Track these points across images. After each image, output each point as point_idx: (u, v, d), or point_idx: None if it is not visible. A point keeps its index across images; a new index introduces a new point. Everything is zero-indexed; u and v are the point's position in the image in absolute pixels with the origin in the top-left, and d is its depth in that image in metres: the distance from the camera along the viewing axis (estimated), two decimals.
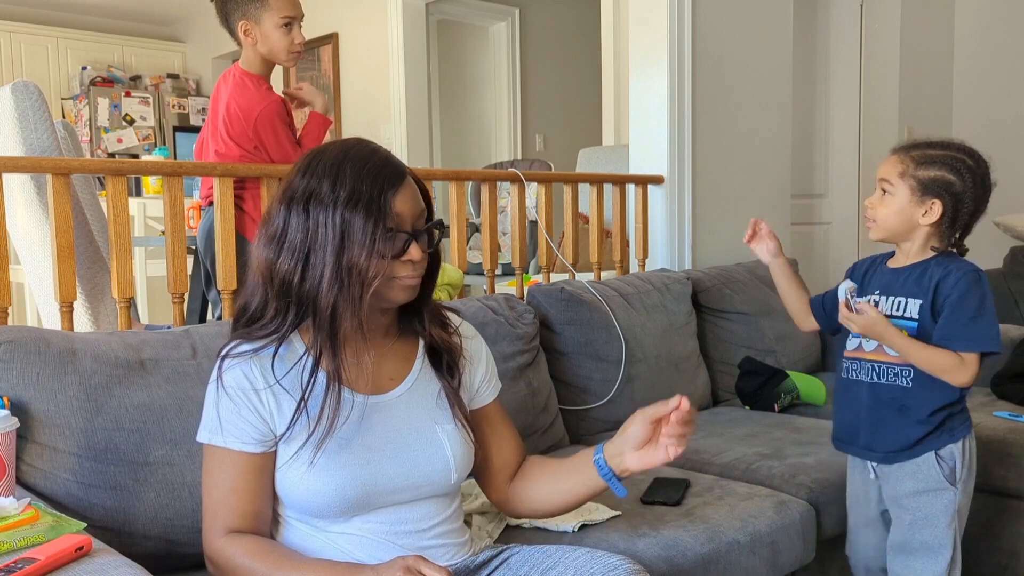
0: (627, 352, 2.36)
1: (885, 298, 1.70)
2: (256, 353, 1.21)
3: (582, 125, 6.32)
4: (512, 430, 1.45)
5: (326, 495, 1.20)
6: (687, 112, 3.04)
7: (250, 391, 1.20)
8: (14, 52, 6.77)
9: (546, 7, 6.41)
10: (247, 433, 1.20)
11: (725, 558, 1.61)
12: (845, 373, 1.76)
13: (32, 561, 0.99)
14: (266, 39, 2.33)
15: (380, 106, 5.57)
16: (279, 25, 2.31)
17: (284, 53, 2.35)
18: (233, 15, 2.36)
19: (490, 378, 1.43)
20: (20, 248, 2.51)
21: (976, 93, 4.50)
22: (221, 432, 1.21)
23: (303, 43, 2.39)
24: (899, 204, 1.65)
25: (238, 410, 1.20)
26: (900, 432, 1.67)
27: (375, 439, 1.24)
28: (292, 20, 2.33)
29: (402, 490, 1.24)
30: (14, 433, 1.30)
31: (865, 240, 4.45)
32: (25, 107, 2.24)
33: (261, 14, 2.32)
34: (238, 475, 1.20)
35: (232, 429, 1.20)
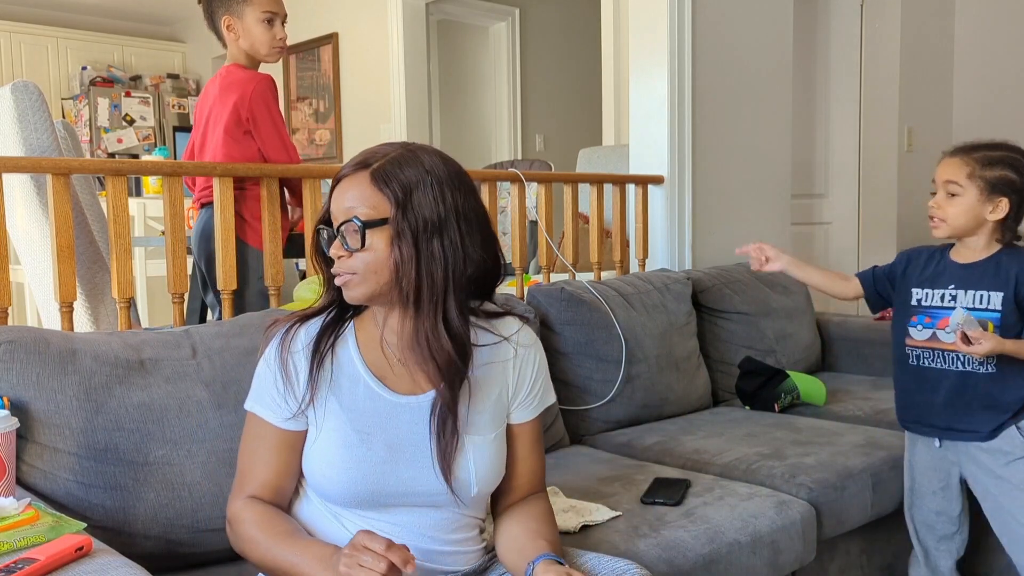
0: (627, 352, 2.36)
1: (964, 292, 1.84)
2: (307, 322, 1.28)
3: (582, 125, 6.32)
4: (531, 460, 1.33)
5: (339, 484, 1.20)
6: (687, 112, 3.04)
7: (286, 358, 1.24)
8: (14, 52, 6.77)
9: (546, 7, 6.41)
10: (278, 406, 1.24)
11: (726, 558, 1.61)
12: (915, 360, 1.90)
13: (32, 561, 0.99)
14: (248, 33, 2.35)
15: (380, 106, 5.57)
16: (261, 20, 2.33)
17: (266, 47, 2.36)
18: (217, 12, 2.37)
19: (527, 400, 1.32)
20: (20, 248, 2.51)
21: (976, 93, 4.50)
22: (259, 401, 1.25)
23: (285, 39, 2.41)
24: (968, 203, 1.80)
25: (274, 381, 1.24)
26: (987, 417, 1.83)
27: (399, 439, 1.22)
28: (274, 15, 2.35)
29: (418, 495, 1.22)
30: (14, 433, 1.30)
31: (865, 239, 4.45)
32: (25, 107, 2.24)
33: (243, 9, 2.33)
34: (267, 448, 1.24)
35: (267, 400, 1.24)
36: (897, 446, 2.14)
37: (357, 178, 1.18)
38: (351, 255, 1.17)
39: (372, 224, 1.16)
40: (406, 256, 1.16)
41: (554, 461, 2.05)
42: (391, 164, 1.17)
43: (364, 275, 1.18)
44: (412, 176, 1.17)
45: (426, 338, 1.19)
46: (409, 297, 1.18)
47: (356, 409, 1.22)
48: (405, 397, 1.24)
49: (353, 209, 1.16)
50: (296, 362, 1.24)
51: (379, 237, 1.16)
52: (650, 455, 2.14)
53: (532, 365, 1.32)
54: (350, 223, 1.16)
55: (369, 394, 1.24)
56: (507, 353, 1.29)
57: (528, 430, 1.32)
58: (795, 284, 3.05)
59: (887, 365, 2.95)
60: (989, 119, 4.45)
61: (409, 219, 1.15)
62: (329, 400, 1.23)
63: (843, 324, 3.10)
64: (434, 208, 1.17)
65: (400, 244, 1.16)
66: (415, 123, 5.44)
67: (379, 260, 1.16)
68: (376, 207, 1.16)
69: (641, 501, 1.75)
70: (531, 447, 1.32)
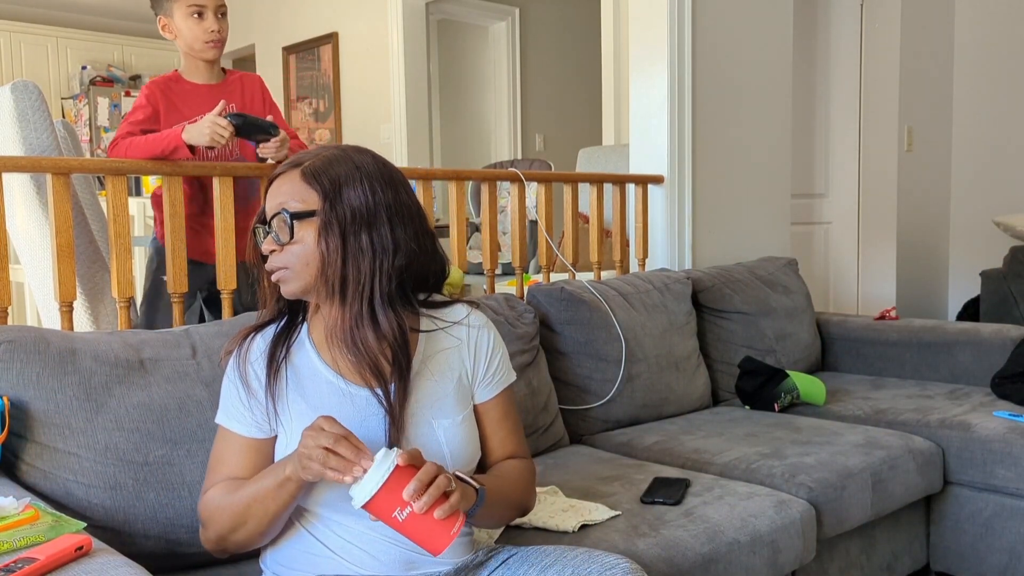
0: (627, 352, 2.36)
1: None
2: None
3: (582, 125, 6.32)
4: (502, 434, 1.37)
5: (316, 483, 1.19)
6: (687, 112, 3.04)
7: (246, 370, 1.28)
8: (14, 52, 6.77)
9: (546, 7, 6.41)
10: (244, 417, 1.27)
11: (725, 558, 1.61)
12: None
13: (32, 561, 0.99)
14: (180, 31, 2.23)
15: (380, 106, 5.57)
16: (189, 14, 2.20)
17: (198, 43, 2.22)
18: (156, 14, 2.27)
19: (486, 378, 1.35)
20: (20, 248, 2.51)
21: (976, 93, 4.50)
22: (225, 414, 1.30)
23: (219, 31, 2.24)
24: None
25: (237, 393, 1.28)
26: None
27: (363, 431, 1.22)
28: (203, 8, 2.21)
29: None
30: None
31: (865, 239, 4.45)
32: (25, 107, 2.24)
33: (172, 7, 2.22)
34: (235, 451, 1.27)
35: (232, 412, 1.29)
36: (897, 446, 2.14)
37: (289, 175, 1.23)
38: (282, 249, 1.21)
39: (300, 216, 1.20)
40: (332, 247, 1.19)
41: (554, 460, 2.05)
42: (322, 162, 1.22)
43: (295, 269, 1.21)
44: (341, 171, 1.21)
45: (353, 330, 1.21)
46: (335, 288, 1.20)
47: (323, 407, 1.24)
48: (364, 388, 1.25)
49: (283, 204, 1.21)
50: (256, 371, 1.27)
51: (308, 229, 1.20)
52: (650, 455, 2.14)
53: (487, 343, 1.35)
54: (279, 216, 1.20)
55: (332, 389, 1.26)
56: (459, 336, 1.33)
57: (493, 407, 1.37)
58: (795, 284, 3.06)
59: (887, 365, 2.96)
60: (989, 119, 4.46)
61: (337, 211, 1.19)
62: (294, 402, 1.25)
63: (843, 324, 3.11)
64: (363, 201, 1.20)
65: (327, 236, 1.19)
66: (415, 123, 5.43)
67: (308, 252, 1.20)
68: (305, 200, 1.20)
69: (641, 501, 1.75)
70: (499, 422, 1.37)
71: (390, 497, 1.06)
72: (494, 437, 1.37)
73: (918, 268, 4.47)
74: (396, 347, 1.23)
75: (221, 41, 2.26)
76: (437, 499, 1.07)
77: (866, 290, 4.47)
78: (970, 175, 4.53)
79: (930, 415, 2.35)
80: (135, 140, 2.05)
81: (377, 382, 1.23)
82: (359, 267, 1.20)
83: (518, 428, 1.41)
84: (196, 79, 2.28)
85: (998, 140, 4.44)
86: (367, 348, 1.22)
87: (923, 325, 2.94)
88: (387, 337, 1.22)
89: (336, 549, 1.22)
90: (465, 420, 1.30)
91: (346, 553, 1.22)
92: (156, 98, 2.20)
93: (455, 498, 1.08)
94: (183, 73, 2.29)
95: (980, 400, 2.50)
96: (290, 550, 1.26)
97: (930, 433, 2.29)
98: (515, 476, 1.35)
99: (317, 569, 1.23)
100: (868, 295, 4.45)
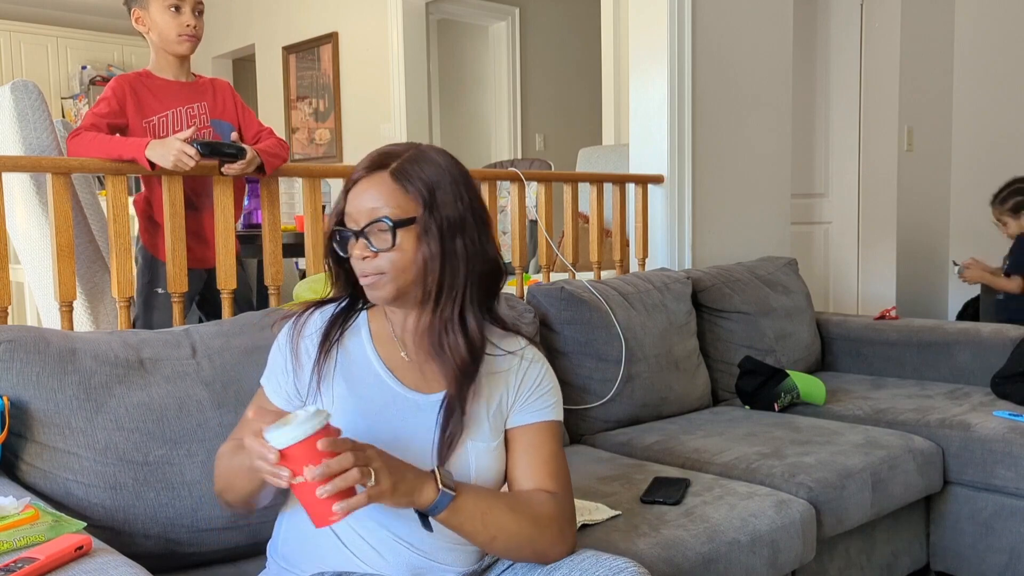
0: (627, 351, 2.36)
1: None
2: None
3: (582, 125, 6.32)
4: (525, 464, 1.27)
5: None
6: (687, 112, 3.04)
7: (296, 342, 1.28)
8: (14, 52, 6.77)
9: (546, 7, 6.41)
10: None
11: (725, 557, 1.61)
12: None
13: (32, 560, 0.99)
14: (155, 25, 2.22)
15: (380, 106, 5.57)
16: (166, 8, 2.20)
17: (173, 37, 2.21)
18: (129, 5, 2.27)
19: (524, 405, 1.28)
20: (20, 248, 2.51)
21: (976, 93, 4.50)
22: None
23: (196, 27, 2.23)
24: None
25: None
26: None
27: (405, 433, 1.22)
28: (181, 3, 2.21)
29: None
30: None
31: (865, 239, 4.45)
32: (24, 106, 2.24)
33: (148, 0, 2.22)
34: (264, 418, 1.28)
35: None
36: (896, 445, 2.14)
37: (377, 179, 1.19)
38: (376, 255, 1.18)
39: (402, 223, 1.17)
40: (433, 253, 1.18)
41: None
42: (409, 163, 1.19)
43: (392, 275, 1.19)
44: (432, 174, 1.19)
45: (442, 335, 1.21)
46: (431, 294, 1.20)
47: (366, 397, 1.24)
48: (414, 393, 1.25)
49: (379, 209, 1.17)
50: (307, 346, 1.26)
51: (407, 236, 1.18)
52: (650, 454, 2.14)
53: (535, 376, 1.30)
54: (378, 223, 1.17)
55: (381, 385, 1.25)
56: (509, 365, 1.30)
57: (523, 433, 1.27)
58: (795, 284, 3.06)
59: (887, 364, 2.96)
60: (989, 119, 4.46)
61: (435, 217, 1.18)
62: (338, 385, 1.25)
63: (843, 324, 3.11)
64: (454, 206, 1.19)
65: (428, 242, 1.17)
66: (415, 122, 5.43)
67: (406, 259, 1.18)
68: (402, 206, 1.17)
69: (641, 500, 1.75)
70: (528, 450, 1.27)
71: (298, 458, 1.02)
72: (519, 464, 1.27)
73: (918, 268, 4.47)
74: (477, 354, 1.22)
75: (196, 37, 2.24)
76: (340, 490, 1.02)
77: (866, 290, 4.48)
78: (970, 175, 4.53)
79: (930, 415, 2.35)
80: (98, 137, 2.02)
81: (456, 387, 1.22)
82: (455, 273, 1.19)
83: (551, 464, 1.27)
84: (167, 75, 2.27)
85: (998, 140, 4.44)
86: (455, 353, 1.21)
87: (923, 325, 2.94)
88: (474, 343, 1.22)
89: (347, 542, 1.21)
90: (497, 448, 1.26)
91: (356, 548, 1.21)
92: (123, 92, 2.18)
93: (360, 499, 1.03)
94: (153, 70, 2.27)
95: (980, 400, 2.50)
96: (298, 540, 1.25)
97: (930, 433, 2.29)
98: (523, 503, 1.21)
99: (323, 562, 1.22)
100: (868, 295, 4.45)
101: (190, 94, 2.28)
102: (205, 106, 2.27)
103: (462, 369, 1.21)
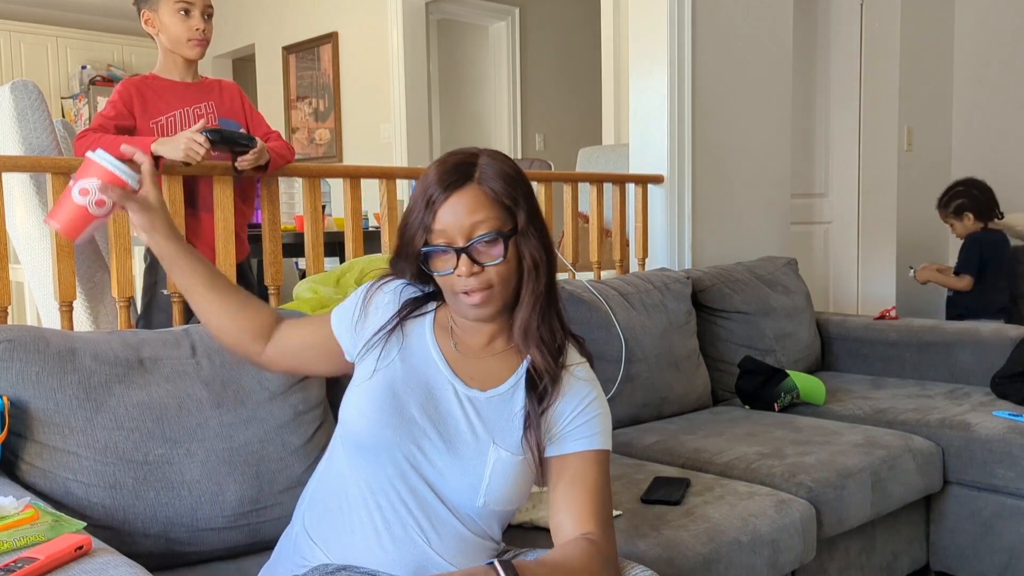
0: (627, 351, 2.36)
1: None
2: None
3: (582, 125, 6.32)
4: (579, 498, 1.21)
5: (364, 416, 1.23)
6: (687, 112, 3.04)
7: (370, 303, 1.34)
8: (14, 52, 6.77)
9: (546, 7, 6.41)
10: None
11: (726, 557, 1.61)
12: None
13: (32, 560, 0.99)
14: (165, 27, 2.22)
15: (380, 105, 5.57)
16: (176, 11, 2.20)
17: (183, 40, 2.22)
18: (139, 7, 2.27)
19: (570, 431, 1.24)
20: (20, 248, 2.51)
21: (976, 93, 4.50)
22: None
23: (205, 31, 2.24)
24: None
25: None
26: None
27: (435, 417, 1.24)
28: (190, 6, 2.21)
29: (427, 479, 1.21)
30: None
31: (865, 239, 4.45)
32: (24, 106, 2.24)
33: (158, 2, 2.22)
34: (314, 324, 1.39)
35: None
36: (896, 445, 2.14)
37: (469, 192, 1.18)
38: (483, 269, 1.19)
39: (509, 235, 1.19)
40: (538, 260, 1.22)
41: None
42: (492, 171, 1.20)
43: (499, 287, 1.21)
44: (514, 179, 1.21)
45: (549, 333, 1.25)
46: (540, 296, 1.24)
47: (415, 373, 1.26)
48: (459, 381, 1.27)
49: (481, 223, 1.17)
50: (379, 302, 1.31)
51: (511, 245, 1.20)
52: (650, 454, 2.14)
53: (580, 396, 1.25)
54: (487, 238, 1.17)
55: (428, 360, 1.27)
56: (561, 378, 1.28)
57: (569, 464, 1.22)
58: (795, 284, 3.06)
59: (887, 364, 2.96)
60: (989, 119, 4.46)
61: (531, 227, 1.21)
62: (394, 361, 1.27)
63: (843, 324, 3.11)
64: (535, 212, 1.23)
65: (528, 245, 1.21)
66: (415, 123, 5.43)
67: (511, 268, 1.21)
68: (500, 217, 1.19)
69: (641, 500, 1.75)
70: (573, 482, 1.21)
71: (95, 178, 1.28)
72: (564, 498, 1.21)
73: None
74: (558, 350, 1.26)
75: (205, 41, 2.25)
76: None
77: (866, 290, 4.47)
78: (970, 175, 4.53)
79: (930, 415, 2.35)
80: (104, 137, 2.02)
81: (532, 409, 1.23)
82: (551, 277, 1.25)
83: (596, 500, 1.21)
84: (173, 77, 2.27)
85: (998, 140, 4.44)
86: (553, 348, 1.25)
87: (923, 325, 2.94)
88: (559, 336, 1.27)
89: (371, 536, 1.21)
90: (521, 464, 1.22)
91: (362, 503, 1.22)
92: (130, 96, 2.18)
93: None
94: (159, 72, 2.28)
95: (980, 400, 2.50)
96: (324, 512, 1.27)
97: (930, 433, 2.29)
98: (571, 567, 1.13)
99: (334, 539, 1.24)
100: (868, 295, 4.45)
101: (197, 94, 2.28)
102: (212, 105, 2.28)
103: (555, 361, 1.25)
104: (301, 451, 1.58)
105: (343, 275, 1.95)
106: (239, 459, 1.50)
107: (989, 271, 3.62)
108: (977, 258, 3.61)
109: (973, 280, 3.61)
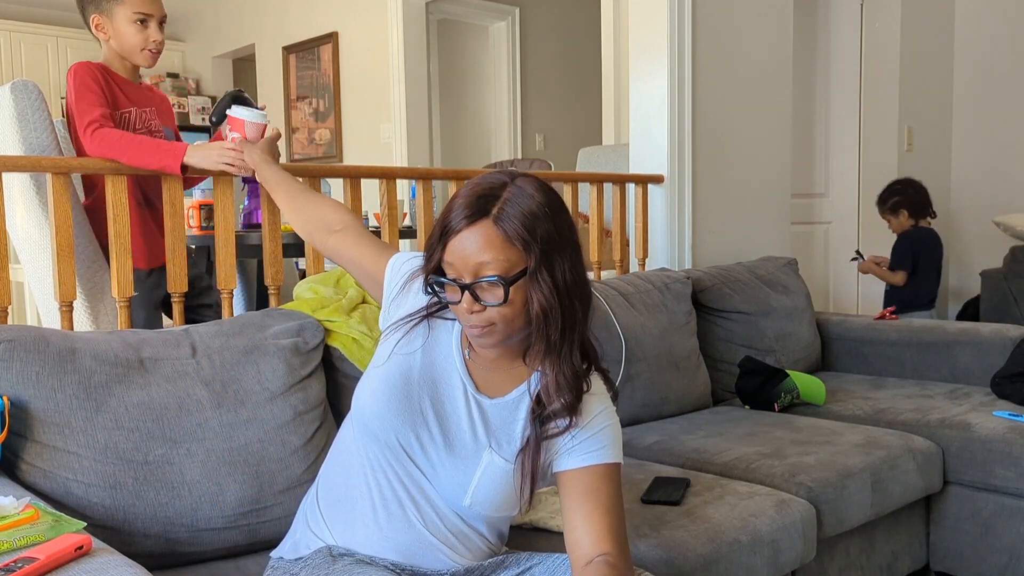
0: (627, 351, 2.36)
1: None
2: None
3: (582, 125, 6.32)
4: (593, 513, 1.19)
5: (375, 396, 1.26)
6: (687, 112, 3.04)
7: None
8: (14, 52, 6.77)
9: (546, 7, 6.41)
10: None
11: (726, 558, 1.61)
12: None
13: (32, 560, 0.99)
14: (118, 35, 2.20)
15: (380, 105, 5.57)
16: (132, 20, 2.18)
17: (137, 50, 2.21)
18: (87, 9, 2.24)
19: (578, 446, 1.22)
20: (20, 248, 2.51)
21: (976, 93, 4.50)
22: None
23: (160, 42, 2.24)
24: None
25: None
26: None
27: (440, 413, 1.26)
28: (147, 17, 2.20)
29: (421, 469, 1.25)
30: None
31: (865, 239, 4.45)
32: (24, 106, 2.23)
33: (113, 8, 2.19)
34: (371, 242, 1.47)
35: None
36: (896, 445, 2.14)
37: (481, 229, 1.13)
38: (484, 309, 1.15)
39: (513, 280, 1.13)
40: (547, 305, 1.14)
41: None
42: (510, 205, 1.13)
43: (502, 326, 1.17)
44: (536, 219, 1.13)
45: (565, 379, 1.19)
46: (554, 344, 1.17)
47: (433, 367, 1.27)
48: (471, 383, 1.28)
49: (487, 264, 1.13)
50: (418, 287, 1.29)
51: (517, 288, 1.14)
52: (650, 454, 2.14)
53: (591, 414, 1.23)
54: (488, 281, 1.13)
55: (447, 358, 1.28)
56: None
57: (578, 477, 1.20)
58: (795, 284, 3.05)
59: (887, 364, 2.96)
60: (989, 119, 4.46)
61: (544, 262, 1.14)
62: (416, 350, 1.28)
63: (843, 324, 3.10)
64: (557, 242, 1.15)
65: (538, 289, 1.14)
66: (415, 123, 5.43)
67: (516, 310, 1.15)
68: (510, 259, 1.13)
69: (641, 500, 1.75)
70: (584, 496, 1.19)
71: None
72: (576, 514, 1.19)
73: None
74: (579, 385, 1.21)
75: (159, 52, 2.26)
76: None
77: (866, 290, 4.48)
78: (970, 175, 4.53)
79: (930, 415, 2.35)
80: (125, 137, 1.98)
81: (533, 430, 1.22)
82: (575, 315, 1.18)
83: (610, 516, 1.19)
84: (122, 75, 2.26)
85: (998, 140, 4.44)
86: (571, 392, 1.20)
87: (923, 325, 2.94)
88: (579, 380, 1.21)
89: (367, 511, 1.25)
90: (513, 473, 1.22)
91: (362, 482, 1.26)
92: (101, 81, 2.15)
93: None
94: (109, 66, 2.25)
95: (980, 400, 2.50)
96: (332, 486, 1.31)
97: (930, 433, 2.29)
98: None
99: (341, 518, 1.28)
100: (868, 295, 4.45)
101: (144, 97, 2.29)
102: (154, 112, 2.29)
103: (575, 402, 1.20)
104: (301, 451, 1.58)
105: (343, 275, 1.95)
106: (239, 459, 1.50)
107: (921, 266, 3.87)
108: (910, 255, 3.87)
109: (907, 275, 3.86)
